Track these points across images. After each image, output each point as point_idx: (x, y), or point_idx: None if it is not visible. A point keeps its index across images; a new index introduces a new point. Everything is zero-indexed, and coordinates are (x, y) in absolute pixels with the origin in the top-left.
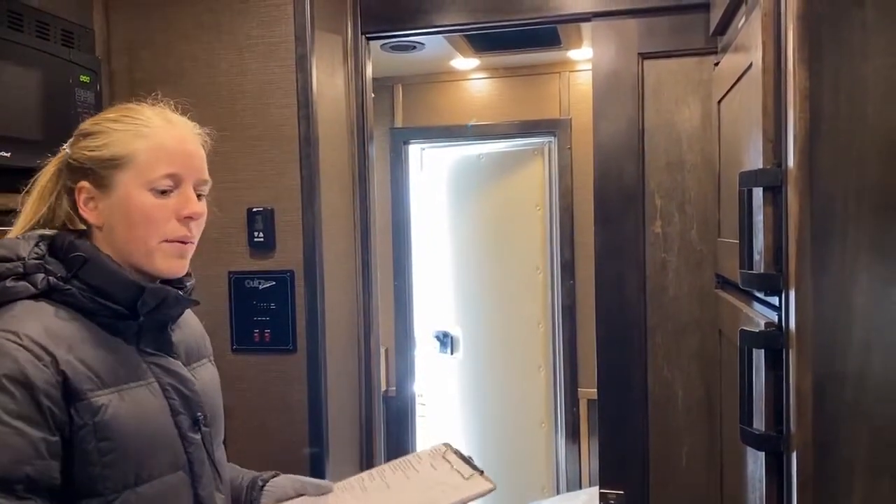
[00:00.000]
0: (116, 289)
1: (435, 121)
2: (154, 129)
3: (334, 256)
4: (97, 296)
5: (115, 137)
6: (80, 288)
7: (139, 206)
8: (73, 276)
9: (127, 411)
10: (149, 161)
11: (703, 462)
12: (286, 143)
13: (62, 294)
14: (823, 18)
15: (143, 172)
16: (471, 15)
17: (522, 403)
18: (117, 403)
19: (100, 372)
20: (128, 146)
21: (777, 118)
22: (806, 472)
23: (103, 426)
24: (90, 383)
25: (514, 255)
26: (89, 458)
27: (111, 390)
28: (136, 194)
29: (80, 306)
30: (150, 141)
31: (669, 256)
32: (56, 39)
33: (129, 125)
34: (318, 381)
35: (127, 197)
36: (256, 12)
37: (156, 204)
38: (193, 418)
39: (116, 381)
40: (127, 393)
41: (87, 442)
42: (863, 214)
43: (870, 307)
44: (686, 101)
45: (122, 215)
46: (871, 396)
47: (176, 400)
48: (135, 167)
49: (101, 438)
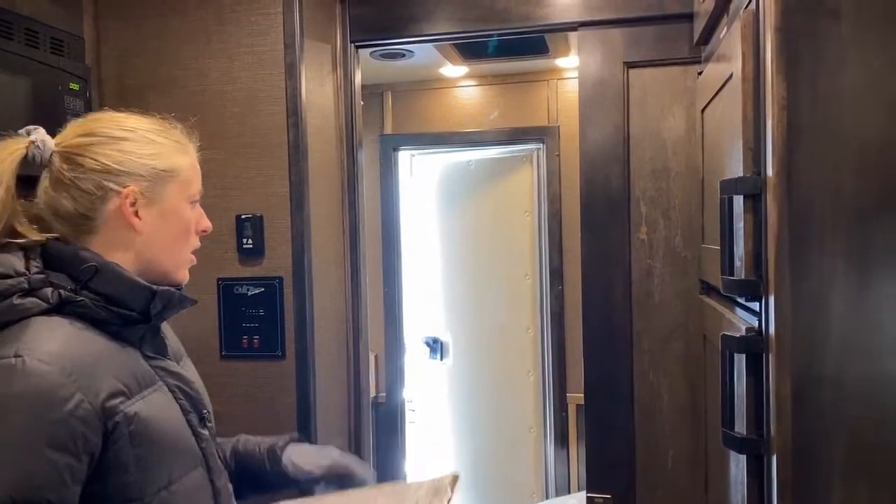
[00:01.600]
0: (130, 295)
1: (424, 128)
2: (188, 148)
3: (323, 263)
4: (109, 304)
5: (165, 150)
6: (92, 298)
7: (185, 219)
8: (83, 287)
9: (152, 416)
10: (189, 177)
11: (689, 465)
12: (275, 150)
13: (75, 306)
14: (801, 31)
15: (187, 186)
16: (459, 24)
17: (511, 409)
18: (145, 410)
19: (126, 381)
20: (176, 160)
21: (756, 127)
22: (786, 474)
23: (138, 434)
24: (120, 395)
25: (503, 261)
26: (126, 467)
27: (137, 398)
28: (184, 208)
29: (91, 317)
30: (187, 158)
31: (655, 262)
32: (45, 47)
33: (171, 140)
34: (306, 387)
35: (176, 209)
36: (246, 21)
37: (191, 218)
38: (200, 415)
39: (139, 387)
40: (148, 398)
41: (125, 453)
42: (839, 222)
43: (846, 312)
44: (671, 109)
45: (168, 226)
46: (848, 400)
47: (183, 400)
48: (181, 181)
49: (136, 445)
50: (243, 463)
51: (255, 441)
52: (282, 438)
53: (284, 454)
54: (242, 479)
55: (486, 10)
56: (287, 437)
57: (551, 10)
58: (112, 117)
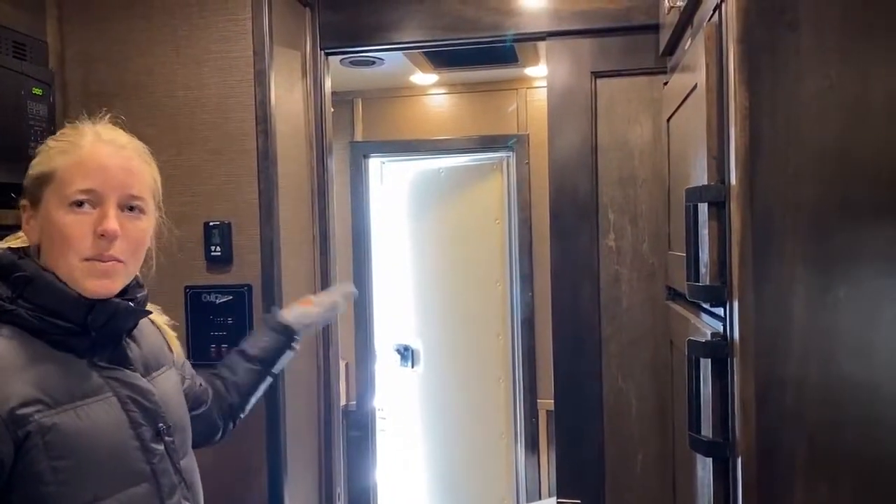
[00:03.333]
0: (64, 307)
1: (395, 135)
2: (78, 146)
3: (293, 270)
4: (45, 315)
5: (46, 156)
6: (27, 308)
7: (56, 222)
8: (18, 297)
9: (82, 428)
10: (66, 177)
11: (657, 469)
12: (244, 157)
13: (8, 315)
14: (762, 42)
15: (61, 188)
16: (429, 32)
17: (482, 415)
18: (71, 421)
19: (49, 391)
20: (51, 163)
21: (720, 136)
22: (750, 476)
23: (55, 445)
24: (38, 404)
25: (473, 267)
26: (41, 478)
27: (63, 408)
28: (55, 210)
29: (27, 326)
30: (70, 157)
31: (622, 269)
32: (7, 51)
33: (60, 142)
34: (275, 395)
35: (47, 213)
36: (215, 27)
37: (71, 220)
38: (156, 429)
39: (70, 398)
40: (82, 409)
41: (38, 462)
42: (799, 229)
43: (807, 317)
44: (637, 118)
45: (45, 232)
46: (809, 402)
47: (136, 412)
48: (55, 183)
49: (54, 457)
50: (266, 356)
51: (256, 339)
52: (267, 318)
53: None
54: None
55: (455, 18)
56: (269, 315)
57: (520, 19)
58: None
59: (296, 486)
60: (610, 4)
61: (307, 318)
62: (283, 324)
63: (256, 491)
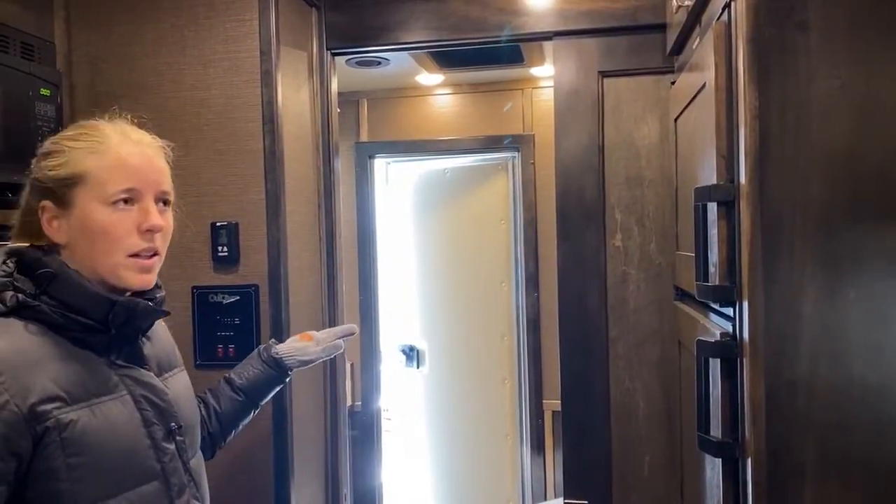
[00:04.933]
0: (86, 304)
1: (400, 135)
2: (109, 146)
3: (299, 271)
4: (67, 311)
5: (72, 156)
6: (50, 304)
7: (98, 223)
8: (42, 293)
9: (97, 425)
10: (104, 177)
11: (665, 470)
12: (251, 157)
13: (31, 310)
14: (771, 42)
15: (100, 188)
16: (435, 32)
17: (488, 416)
18: (87, 418)
19: (69, 388)
20: (83, 164)
21: (729, 136)
22: (760, 477)
23: (72, 442)
24: (57, 400)
25: (479, 268)
26: (57, 474)
27: (81, 405)
28: (94, 210)
29: (50, 322)
30: (104, 157)
31: (630, 269)
32: (16, 52)
33: (84, 142)
34: (282, 396)
35: (85, 214)
36: (221, 28)
37: (114, 219)
38: (167, 428)
39: (87, 395)
40: (97, 407)
41: (55, 459)
42: (809, 229)
43: (816, 317)
44: (644, 118)
45: (83, 233)
46: (818, 403)
47: (149, 411)
48: (91, 184)
49: (70, 454)
50: (251, 388)
51: (245, 368)
52: (261, 350)
53: (282, 359)
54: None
55: (461, 19)
56: (265, 347)
57: (526, 19)
58: (57, 135)
59: (302, 487)
60: (616, 4)
61: (304, 356)
62: (275, 359)
63: (263, 491)
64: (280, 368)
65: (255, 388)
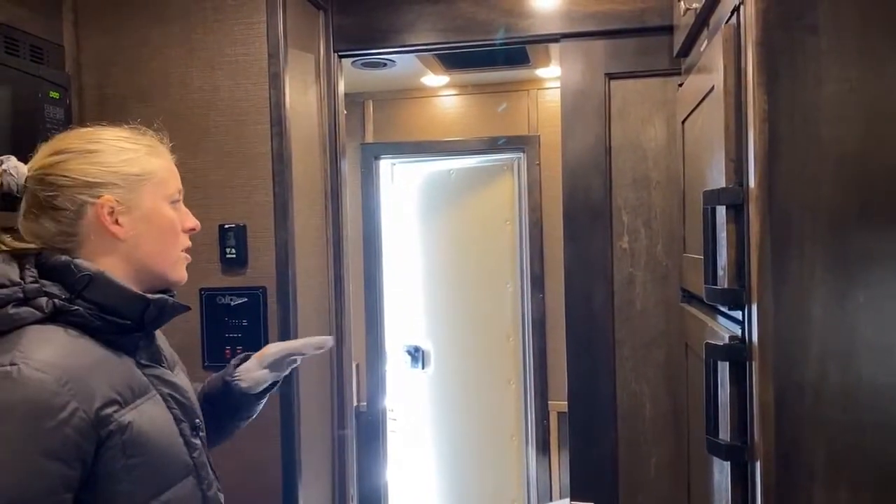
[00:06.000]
0: (123, 304)
1: (405, 136)
2: (160, 149)
3: (306, 272)
4: (104, 313)
5: (136, 155)
6: (86, 307)
7: (168, 219)
8: (77, 296)
9: (145, 425)
10: (165, 177)
11: (671, 472)
12: (259, 159)
13: (69, 315)
14: (781, 45)
15: (163, 187)
16: (442, 35)
17: (493, 417)
18: (138, 419)
19: (121, 390)
20: (151, 163)
21: (738, 139)
22: (769, 480)
23: (131, 443)
24: (114, 404)
25: (484, 269)
26: (118, 476)
27: (131, 407)
28: (161, 207)
29: (86, 325)
30: (161, 159)
31: (636, 271)
32: (25, 55)
33: (143, 144)
34: (290, 397)
35: (156, 210)
36: (229, 30)
37: (175, 217)
38: (192, 424)
39: (133, 397)
40: (141, 407)
41: (117, 462)
42: (817, 232)
43: (826, 321)
44: (651, 120)
45: (152, 228)
46: (828, 406)
47: (176, 409)
48: (156, 182)
49: (129, 455)
50: (212, 399)
51: (215, 378)
52: (229, 367)
53: (234, 384)
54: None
55: (468, 21)
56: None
57: (533, 21)
58: (79, 133)
59: (309, 487)
60: (623, 6)
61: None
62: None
63: (271, 491)
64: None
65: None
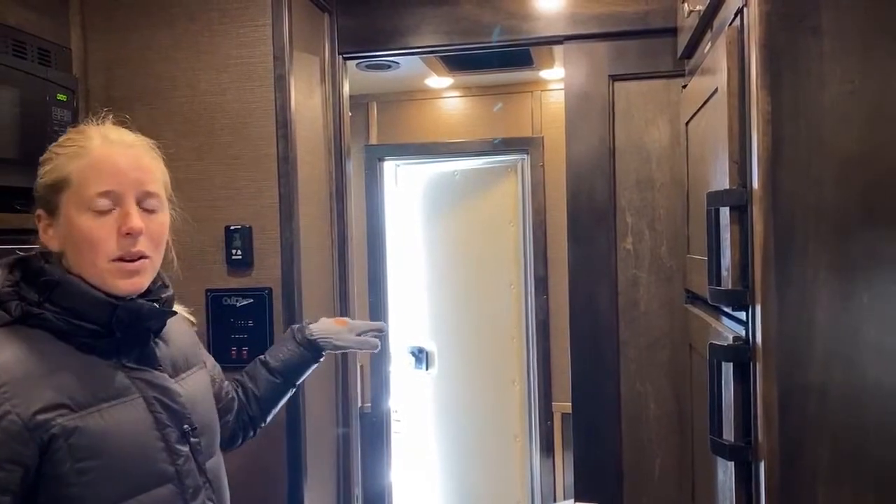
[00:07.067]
0: (89, 309)
1: (409, 138)
2: (89, 149)
3: (312, 273)
4: (71, 317)
5: (57, 162)
6: (54, 311)
7: (79, 228)
8: (45, 300)
9: (106, 429)
10: (83, 181)
11: (675, 473)
12: (264, 161)
13: (36, 319)
14: (784, 47)
15: (79, 193)
16: (446, 37)
17: (496, 418)
18: (95, 423)
19: (74, 394)
20: (64, 169)
21: (742, 140)
22: (773, 480)
23: (80, 447)
24: (62, 408)
25: (487, 270)
26: (66, 479)
27: (88, 411)
28: (76, 216)
29: (55, 329)
30: (82, 161)
31: (640, 272)
32: (33, 58)
33: (68, 147)
34: (295, 398)
35: (69, 220)
36: (235, 33)
37: (95, 224)
38: (181, 430)
39: (95, 400)
40: (107, 411)
41: (63, 464)
42: (821, 233)
43: (829, 322)
44: (655, 121)
45: (69, 239)
46: (831, 407)
47: (162, 413)
48: (72, 189)
49: (78, 459)
50: (287, 369)
51: (279, 349)
52: (294, 331)
53: (316, 341)
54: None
55: (471, 23)
56: (299, 327)
57: (537, 24)
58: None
59: (315, 488)
60: (627, 8)
61: (339, 341)
62: (310, 340)
63: (276, 492)
64: (314, 350)
65: (290, 369)
